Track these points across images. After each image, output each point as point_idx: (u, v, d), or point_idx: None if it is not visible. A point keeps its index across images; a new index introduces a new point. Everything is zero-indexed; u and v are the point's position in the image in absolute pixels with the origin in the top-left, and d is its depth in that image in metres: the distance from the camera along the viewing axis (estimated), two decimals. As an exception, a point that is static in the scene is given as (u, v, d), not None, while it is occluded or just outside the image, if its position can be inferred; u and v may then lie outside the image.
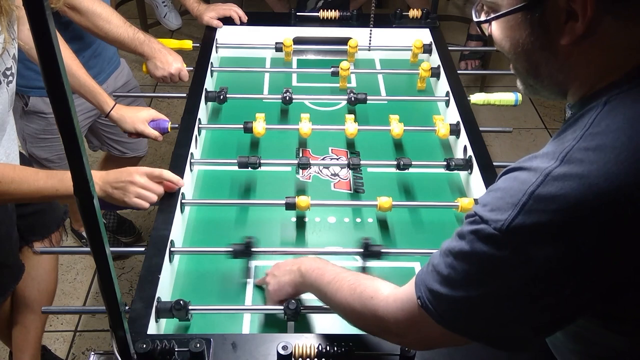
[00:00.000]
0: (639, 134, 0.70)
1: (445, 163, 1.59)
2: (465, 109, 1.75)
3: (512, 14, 0.79)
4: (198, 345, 1.00)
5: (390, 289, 0.94)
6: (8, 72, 1.39)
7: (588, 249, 0.71)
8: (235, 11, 2.14)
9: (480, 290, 0.77)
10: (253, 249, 1.32)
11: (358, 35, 2.07)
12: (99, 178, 1.37)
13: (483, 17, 0.85)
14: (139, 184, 1.37)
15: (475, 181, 1.55)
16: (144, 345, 0.98)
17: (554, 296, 0.74)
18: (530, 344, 0.82)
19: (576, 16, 0.74)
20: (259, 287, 1.33)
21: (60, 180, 1.34)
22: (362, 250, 1.33)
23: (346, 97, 1.85)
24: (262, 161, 1.57)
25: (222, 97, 1.81)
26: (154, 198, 1.40)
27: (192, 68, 1.93)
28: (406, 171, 1.59)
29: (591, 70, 0.78)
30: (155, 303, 1.18)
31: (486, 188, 1.46)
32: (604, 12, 0.73)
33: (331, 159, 1.71)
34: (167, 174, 1.42)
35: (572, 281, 0.72)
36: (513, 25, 0.81)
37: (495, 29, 0.84)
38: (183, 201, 1.45)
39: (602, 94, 0.76)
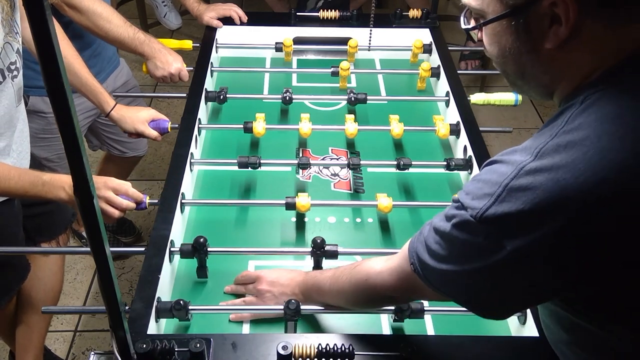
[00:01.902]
0: (607, 133, 0.73)
1: (445, 163, 1.59)
2: (465, 109, 1.75)
3: (497, 20, 0.82)
4: (198, 345, 1.00)
5: (381, 264, 1.03)
6: (12, 67, 1.39)
7: (554, 240, 0.74)
8: (235, 11, 2.14)
9: (459, 267, 0.83)
10: (209, 249, 1.30)
11: (358, 35, 2.07)
12: (69, 185, 1.34)
13: (472, 24, 0.89)
14: (104, 198, 1.36)
15: (475, 181, 1.54)
16: (144, 345, 0.98)
17: (525, 280, 0.79)
18: (506, 313, 0.89)
19: (560, 20, 0.77)
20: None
21: (31, 183, 1.34)
22: (314, 249, 1.31)
23: (346, 97, 1.85)
24: (262, 161, 1.57)
25: (222, 97, 1.81)
26: (117, 214, 1.38)
27: (192, 68, 1.93)
28: (406, 171, 1.59)
29: (574, 71, 0.81)
30: (155, 303, 1.18)
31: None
32: (586, 15, 0.76)
33: (331, 159, 1.71)
34: (132, 190, 1.41)
35: (539, 269, 0.77)
36: (499, 32, 0.84)
37: (484, 35, 0.88)
38: (183, 201, 1.45)
39: (581, 93, 0.79)
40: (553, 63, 0.82)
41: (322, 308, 1.21)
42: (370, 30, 2.04)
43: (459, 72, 1.97)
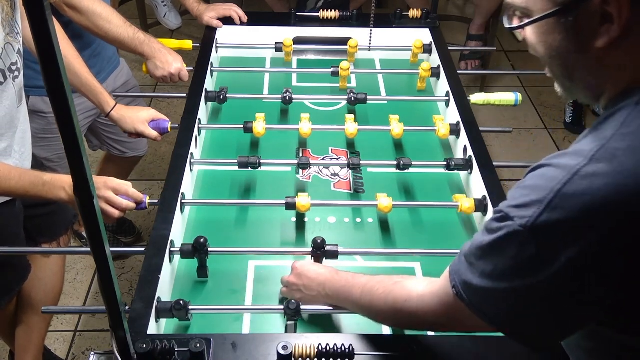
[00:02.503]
0: None
1: (445, 163, 1.59)
2: (465, 109, 1.75)
3: (545, 19, 0.79)
4: (198, 345, 1.00)
5: (422, 286, 0.96)
6: (14, 67, 1.39)
7: (615, 248, 0.71)
8: (235, 11, 2.14)
9: (508, 284, 0.78)
10: (209, 249, 1.30)
11: (358, 35, 2.07)
12: (69, 185, 1.33)
13: (515, 23, 0.85)
14: (104, 198, 1.36)
15: (475, 181, 1.54)
16: (144, 345, 0.98)
17: (582, 295, 0.75)
18: (552, 342, 0.84)
19: (611, 19, 0.74)
20: (262, 286, 1.34)
21: (32, 183, 1.34)
22: (314, 249, 1.30)
23: (346, 97, 1.85)
24: (262, 161, 1.57)
25: (222, 97, 1.81)
26: (117, 214, 1.38)
27: (192, 68, 1.93)
28: (406, 171, 1.59)
29: (624, 72, 0.78)
30: (155, 303, 1.18)
31: (486, 188, 1.46)
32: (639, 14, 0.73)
33: (331, 159, 1.71)
34: (132, 191, 1.41)
35: (600, 281, 0.73)
36: (547, 30, 0.80)
37: (529, 34, 0.84)
38: (183, 201, 1.45)
39: (633, 94, 0.76)
40: (601, 64, 0.79)
41: (323, 308, 1.21)
42: (370, 30, 2.04)
43: (459, 72, 1.97)
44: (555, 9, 0.77)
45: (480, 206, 1.44)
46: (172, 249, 1.32)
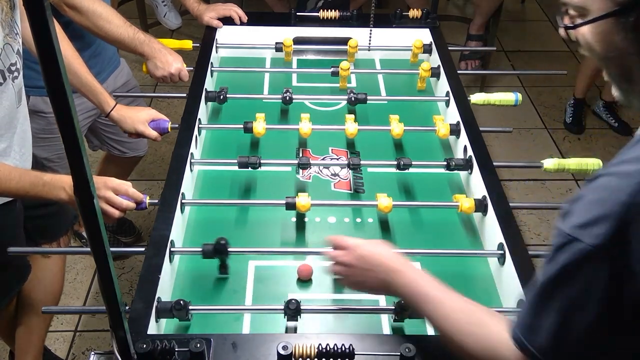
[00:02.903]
0: None
1: (445, 163, 1.59)
2: (465, 109, 1.75)
3: (605, 19, 0.76)
4: (198, 345, 1.00)
5: (502, 326, 0.85)
6: (13, 68, 1.39)
7: None
8: (235, 11, 2.14)
9: (584, 316, 0.72)
10: (229, 249, 1.30)
11: (358, 35, 2.07)
12: (69, 185, 1.33)
13: (568, 21, 0.82)
14: (104, 198, 1.36)
15: (475, 181, 1.54)
16: (144, 345, 0.98)
17: None
18: None
19: None
20: (262, 286, 1.34)
21: (32, 183, 1.34)
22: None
23: (346, 97, 1.85)
24: (262, 161, 1.57)
25: (222, 97, 1.81)
26: (117, 214, 1.38)
27: (192, 68, 1.93)
28: (406, 171, 1.59)
29: None
30: (155, 303, 1.18)
31: (486, 188, 1.46)
32: None
33: (331, 159, 1.71)
34: (132, 190, 1.40)
35: None
36: (604, 30, 0.78)
37: (585, 34, 0.81)
38: (183, 201, 1.45)
39: None
40: None
41: (323, 308, 1.21)
42: (370, 30, 2.04)
43: (459, 72, 1.97)
44: (615, 8, 0.75)
45: (480, 206, 1.44)
46: (172, 249, 1.32)
